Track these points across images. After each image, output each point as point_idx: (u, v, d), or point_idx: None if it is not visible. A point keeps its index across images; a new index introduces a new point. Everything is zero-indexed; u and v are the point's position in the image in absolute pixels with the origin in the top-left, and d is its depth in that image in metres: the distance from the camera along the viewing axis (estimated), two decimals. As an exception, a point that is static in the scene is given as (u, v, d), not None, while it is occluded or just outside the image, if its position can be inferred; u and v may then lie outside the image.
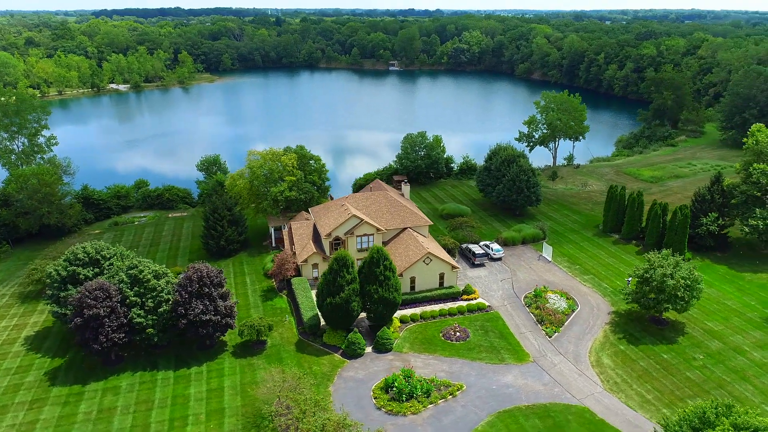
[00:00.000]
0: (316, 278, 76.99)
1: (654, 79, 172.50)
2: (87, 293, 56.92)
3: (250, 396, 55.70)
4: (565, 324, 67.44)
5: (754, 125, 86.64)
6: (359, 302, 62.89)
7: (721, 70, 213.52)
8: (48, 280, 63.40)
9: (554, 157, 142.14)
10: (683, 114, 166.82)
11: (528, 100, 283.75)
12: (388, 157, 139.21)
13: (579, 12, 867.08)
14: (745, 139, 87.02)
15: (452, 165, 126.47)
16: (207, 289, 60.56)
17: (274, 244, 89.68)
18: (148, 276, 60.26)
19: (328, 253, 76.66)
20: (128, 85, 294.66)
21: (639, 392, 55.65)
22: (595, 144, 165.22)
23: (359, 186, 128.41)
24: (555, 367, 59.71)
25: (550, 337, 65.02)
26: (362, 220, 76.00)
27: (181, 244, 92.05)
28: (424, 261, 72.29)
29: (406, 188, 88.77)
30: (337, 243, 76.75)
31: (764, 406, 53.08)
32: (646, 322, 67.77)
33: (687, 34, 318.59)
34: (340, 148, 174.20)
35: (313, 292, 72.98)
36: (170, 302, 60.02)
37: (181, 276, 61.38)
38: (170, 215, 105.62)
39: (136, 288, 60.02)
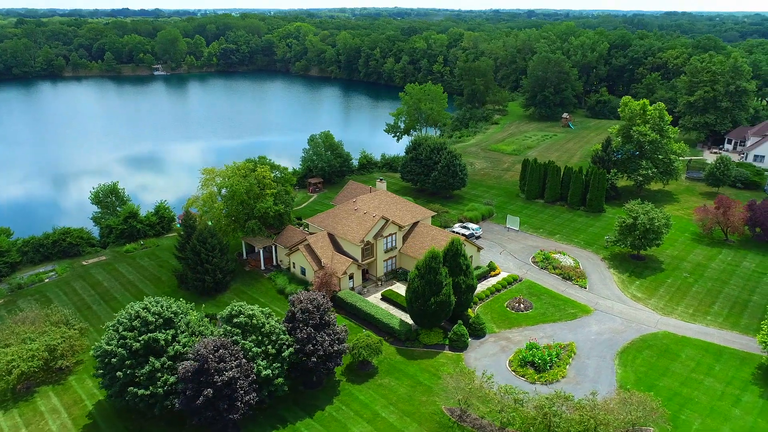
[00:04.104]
0: (352, 288, 73.81)
1: (464, 68, 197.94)
2: (210, 356, 46.57)
3: (416, 414, 53.31)
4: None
5: (623, 97, 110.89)
6: (453, 295, 63.93)
7: (487, 58, 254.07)
8: (112, 360, 48.56)
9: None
10: (489, 96, 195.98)
11: (310, 96, 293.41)
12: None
13: (306, 10, 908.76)
14: (620, 110, 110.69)
15: (352, 161, 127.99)
16: (327, 318, 54.79)
17: (263, 266, 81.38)
18: (262, 319, 51.73)
19: (360, 260, 74.07)
20: None
21: (683, 310, 70.24)
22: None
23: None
24: (613, 309, 70.59)
25: (585, 288, 75.81)
26: (388, 220, 75.40)
27: (145, 291, 76.46)
28: (459, 247, 75.61)
29: (382, 185, 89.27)
30: (367, 248, 74.64)
31: (756, 296, 72.79)
32: (629, 260, 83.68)
33: (415, 30, 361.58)
34: (178, 165, 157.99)
35: (372, 298, 70.68)
36: (288, 343, 52.54)
37: (294, 310, 53.93)
38: (85, 263, 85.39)
39: (252, 336, 50.97)
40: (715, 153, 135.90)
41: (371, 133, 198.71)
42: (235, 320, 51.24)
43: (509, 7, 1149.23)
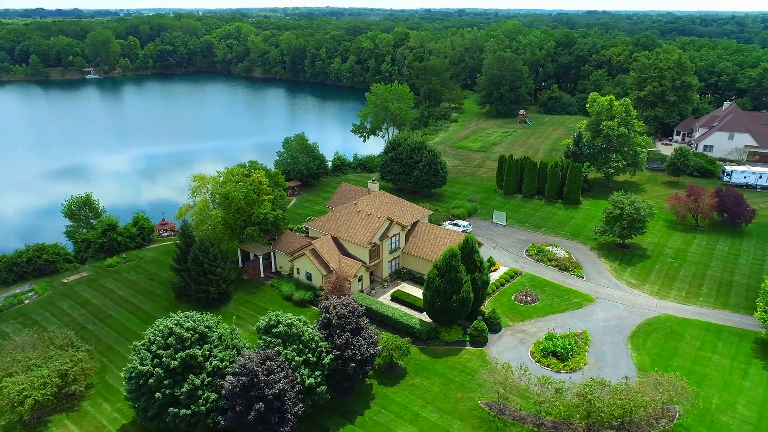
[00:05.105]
0: (361, 291, 73.37)
1: (419, 67, 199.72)
2: (257, 369, 45.21)
3: (455, 411, 53.81)
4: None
5: (591, 94, 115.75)
6: (471, 292, 64.83)
7: (436, 57, 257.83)
8: (149, 381, 46.04)
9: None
10: (444, 95, 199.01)
11: (256, 98, 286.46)
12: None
13: (236, 10, 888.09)
14: (588, 106, 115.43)
15: (327, 163, 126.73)
16: (362, 321, 54.31)
17: (263, 274, 79.30)
18: (302, 327, 50.64)
19: (368, 261, 73.70)
20: None
21: (677, 293, 74.51)
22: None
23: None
24: (614, 296, 73.89)
25: (583, 278, 78.86)
26: (393, 221, 75.45)
27: (142, 307, 72.84)
28: (463, 245, 76.73)
29: (374, 186, 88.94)
30: (374, 249, 74.35)
31: (736, 276, 78.27)
32: (615, 248, 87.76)
33: (360, 29, 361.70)
34: (141, 174, 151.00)
35: (382, 299, 70.43)
36: (327, 349, 51.66)
37: (329, 316, 53.03)
38: (66, 280, 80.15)
39: (293, 346, 49.80)
40: (667, 144, 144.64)
41: (323, 133, 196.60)
42: (273, 330, 49.89)
43: (439, 7, 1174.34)
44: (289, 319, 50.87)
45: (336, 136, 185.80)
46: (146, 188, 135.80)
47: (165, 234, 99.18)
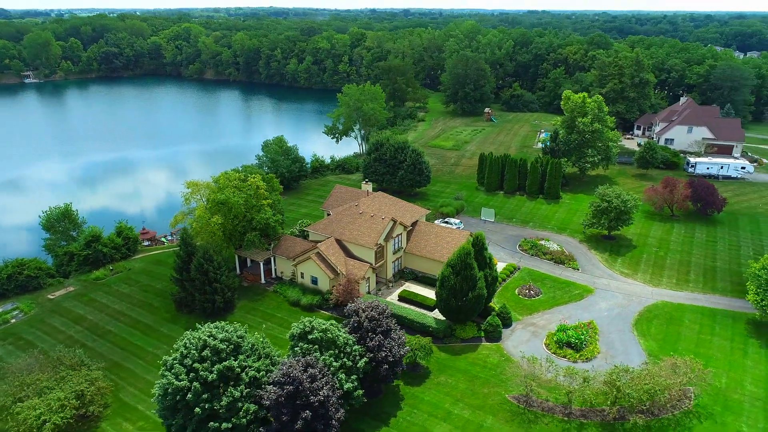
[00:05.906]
0: (368, 292, 73.14)
1: (383, 67, 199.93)
2: (302, 377, 44.51)
3: (485, 407, 54.59)
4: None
5: (565, 92, 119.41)
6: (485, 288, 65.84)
7: (394, 56, 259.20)
8: (187, 396, 44.34)
9: (360, 145, 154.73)
10: (409, 94, 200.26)
11: (212, 102, 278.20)
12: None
13: (177, 10, 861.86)
14: (562, 104, 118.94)
15: (306, 165, 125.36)
16: (390, 322, 54.22)
17: (263, 279, 77.72)
18: (336, 332, 50.11)
19: (374, 263, 73.54)
20: None
21: (668, 280, 78.11)
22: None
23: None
24: (611, 286, 76.71)
25: (578, 270, 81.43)
26: (396, 221, 75.59)
27: (141, 320, 70.03)
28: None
29: (368, 187, 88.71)
30: (379, 250, 74.27)
31: (718, 262, 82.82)
32: (602, 240, 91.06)
33: (314, 30, 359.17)
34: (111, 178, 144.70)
35: (389, 299, 70.41)
36: (360, 353, 51.34)
37: (359, 319, 52.65)
38: (52, 296, 75.99)
39: (330, 351, 49.21)
40: (629, 138, 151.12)
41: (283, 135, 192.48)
42: (309, 337, 49.13)
43: (383, 6, 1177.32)
44: (323, 324, 50.22)
45: (296, 138, 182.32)
46: (114, 197, 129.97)
47: (147, 243, 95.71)
